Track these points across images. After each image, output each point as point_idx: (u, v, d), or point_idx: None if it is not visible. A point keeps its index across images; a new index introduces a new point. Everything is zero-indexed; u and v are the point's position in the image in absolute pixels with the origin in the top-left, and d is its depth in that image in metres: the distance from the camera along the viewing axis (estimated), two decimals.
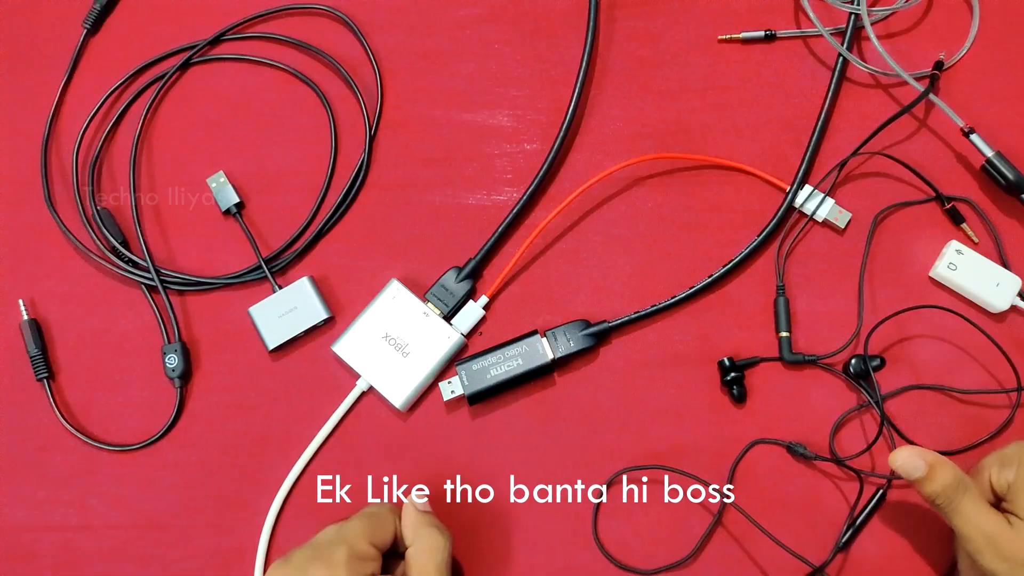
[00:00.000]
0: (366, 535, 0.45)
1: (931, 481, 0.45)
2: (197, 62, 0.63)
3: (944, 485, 0.44)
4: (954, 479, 0.44)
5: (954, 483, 0.44)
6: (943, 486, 0.44)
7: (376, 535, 0.46)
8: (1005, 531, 0.44)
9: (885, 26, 0.60)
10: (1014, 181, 0.54)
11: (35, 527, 0.55)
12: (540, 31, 0.61)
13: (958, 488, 0.44)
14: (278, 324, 0.55)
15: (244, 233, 0.57)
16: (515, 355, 0.53)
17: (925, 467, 0.45)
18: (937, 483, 0.45)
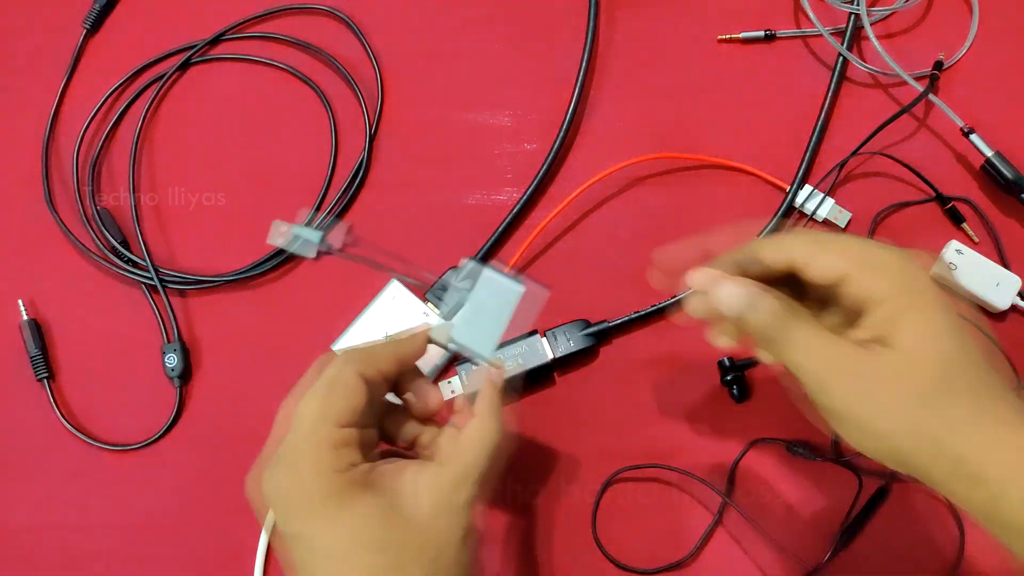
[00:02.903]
0: (327, 417, 0.37)
1: (755, 309, 0.36)
2: (197, 62, 0.63)
3: (772, 311, 0.36)
4: (783, 303, 0.36)
5: (783, 307, 0.36)
6: (771, 313, 0.36)
7: (340, 411, 0.37)
8: (857, 353, 0.35)
9: (885, 26, 0.60)
10: (1014, 181, 0.54)
11: (35, 527, 0.55)
12: (540, 31, 0.61)
13: (789, 313, 0.36)
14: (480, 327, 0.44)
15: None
16: (515, 355, 0.53)
17: (748, 296, 0.37)
18: (765, 310, 0.36)
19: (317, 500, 0.35)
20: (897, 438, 0.34)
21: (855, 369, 0.34)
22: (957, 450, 0.33)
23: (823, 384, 0.35)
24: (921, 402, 0.33)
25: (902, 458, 0.34)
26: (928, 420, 0.33)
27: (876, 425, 0.34)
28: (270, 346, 0.56)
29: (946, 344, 0.34)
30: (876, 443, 0.34)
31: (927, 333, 0.34)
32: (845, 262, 0.36)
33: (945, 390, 0.33)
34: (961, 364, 0.34)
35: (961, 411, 0.33)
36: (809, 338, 0.35)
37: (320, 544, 0.35)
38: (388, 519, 0.35)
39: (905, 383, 0.34)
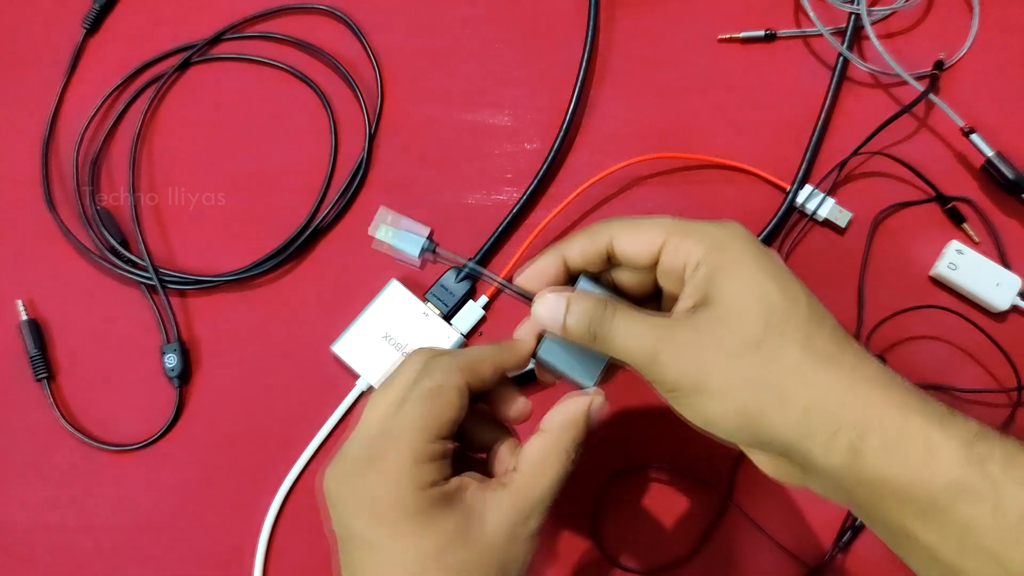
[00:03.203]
0: (427, 429, 0.35)
1: (572, 313, 0.36)
2: (197, 62, 0.63)
3: (588, 311, 0.35)
4: (597, 299, 0.36)
5: (598, 301, 0.36)
6: (587, 313, 0.35)
7: (442, 425, 0.35)
8: (679, 320, 0.34)
9: (885, 26, 0.59)
10: (1014, 181, 0.54)
11: (34, 527, 0.55)
12: (540, 30, 0.61)
13: (605, 305, 0.35)
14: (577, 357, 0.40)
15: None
16: None
17: (560, 301, 0.36)
18: (580, 311, 0.35)
19: (403, 514, 0.34)
20: (736, 396, 0.32)
21: (679, 335, 0.33)
22: (801, 397, 0.31)
23: (653, 360, 0.34)
24: (749, 350, 0.32)
25: (751, 423, 0.32)
26: (761, 367, 0.32)
27: (711, 384, 0.32)
28: (270, 346, 0.56)
29: (766, 288, 0.33)
30: (720, 408, 0.32)
31: (744, 283, 0.33)
32: (658, 233, 0.36)
33: (773, 335, 0.32)
34: (784, 308, 0.33)
35: (794, 354, 0.32)
36: (630, 322, 0.35)
37: (396, 559, 0.34)
38: (465, 540, 0.34)
39: (728, 335, 0.33)
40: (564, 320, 0.36)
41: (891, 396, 0.31)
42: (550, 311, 0.36)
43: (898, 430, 0.31)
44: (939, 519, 0.30)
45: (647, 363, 0.34)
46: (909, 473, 0.30)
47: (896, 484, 0.30)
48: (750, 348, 0.32)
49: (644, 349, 0.34)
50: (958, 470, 0.30)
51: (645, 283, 0.38)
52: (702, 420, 0.34)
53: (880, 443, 0.31)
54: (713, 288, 0.34)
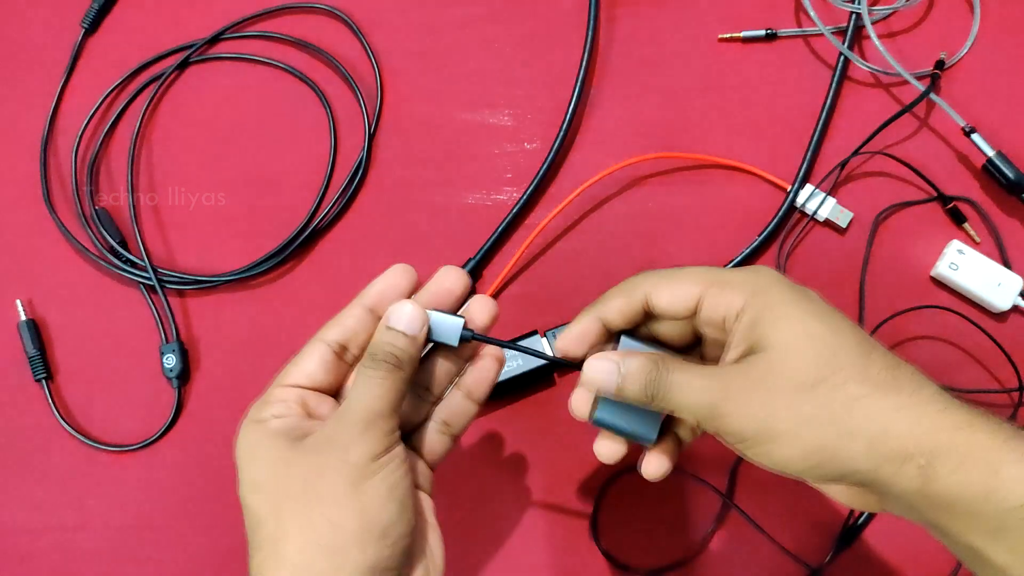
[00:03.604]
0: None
1: (626, 377, 0.36)
2: (195, 61, 0.63)
3: (643, 373, 0.35)
4: (648, 358, 0.36)
5: (651, 360, 0.36)
6: (641, 375, 0.35)
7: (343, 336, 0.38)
8: (734, 369, 0.34)
9: (886, 25, 0.59)
10: (1015, 181, 0.54)
11: (33, 527, 0.55)
12: (540, 30, 0.61)
13: (659, 363, 0.35)
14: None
15: None
16: (515, 355, 0.53)
17: (613, 364, 0.36)
18: (634, 374, 0.35)
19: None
20: (803, 438, 0.32)
21: (737, 385, 0.34)
22: (866, 430, 0.32)
23: (715, 412, 0.34)
24: (807, 391, 0.33)
25: (821, 462, 0.33)
26: (823, 406, 0.32)
27: (777, 429, 0.33)
28: (269, 346, 0.56)
29: (813, 328, 0.34)
30: (788, 452, 0.33)
31: (791, 326, 0.34)
32: (695, 285, 0.36)
33: (828, 372, 0.33)
34: (834, 345, 0.33)
35: (852, 389, 0.32)
36: (686, 377, 0.35)
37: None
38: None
39: (785, 379, 0.33)
40: (619, 384, 0.36)
41: (954, 418, 0.32)
42: (604, 376, 0.36)
43: (965, 453, 0.31)
44: (1010, 539, 0.31)
45: (709, 417, 0.34)
46: (978, 495, 0.31)
47: (966, 506, 0.31)
48: (808, 388, 0.33)
49: (704, 403, 0.34)
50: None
51: (685, 333, 0.39)
52: (773, 464, 0.34)
53: (948, 467, 0.31)
54: (760, 335, 0.34)
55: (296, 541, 0.33)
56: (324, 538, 0.33)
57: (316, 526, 0.33)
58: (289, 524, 0.33)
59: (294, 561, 0.33)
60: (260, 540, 0.34)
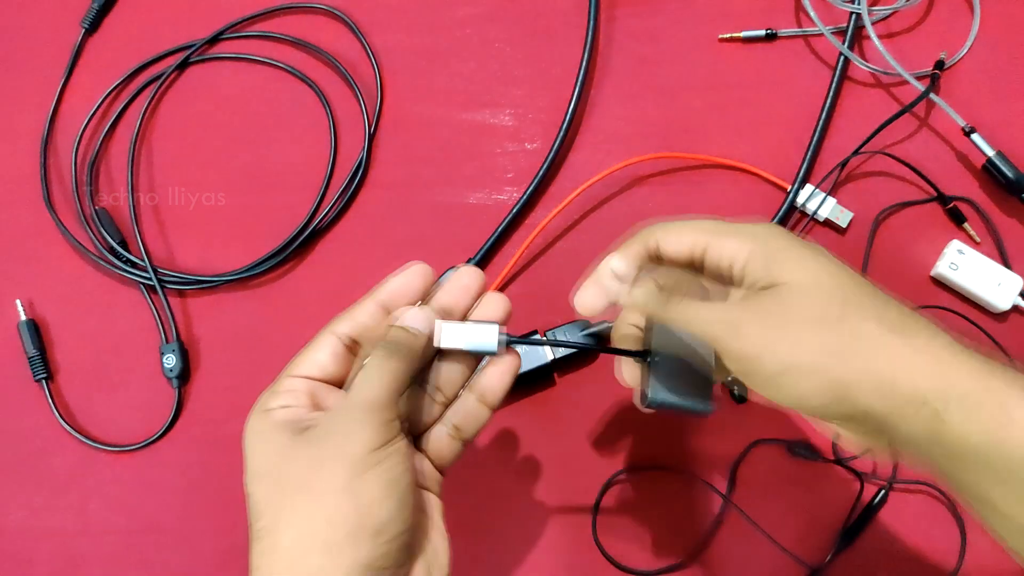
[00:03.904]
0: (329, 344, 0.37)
1: (646, 282, 0.37)
2: (195, 61, 0.63)
3: (674, 276, 0.37)
4: (678, 272, 0.37)
5: (680, 273, 0.37)
6: (672, 278, 0.37)
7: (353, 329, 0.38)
8: (757, 296, 0.34)
9: (886, 25, 0.59)
10: (1015, 181, 0.54)
11: (33, 528, 0.55)
12: (540, 30, 0.61)
13: (668, 290, 0.36)
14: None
15: None
16: None
17: (625, 286, 0.37)
18: (660, 277, 0.37)
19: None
20: (825, 370, 0.32)
21: (761, 307, 0.34)
22: (886, 370, 0.32)
23: (737, 330, 0.33)
24: (832, 323, 0.33)
25: (842, 397, 0.32)
26: (848, 341, 0.32)
27: (795, 356, 0.33)
28: (269, 347, 0.56)
29: (832, 269, 0.34)
30: (809, 384, 0.33)
31: (808, 264, 0.34)
32: (699, 233, 0.37)
33: (851, 309, 0.33)
34: (853, 286, 0.34)
35: (873, 328, 0.32)
36: (697, 306, 0.35)
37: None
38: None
39: (811, 306, 0.33)
40: (636, 287, 0.36)
41: (970, 365, 0.32)
42: (621, 274, 0.37)
43: (979, 400, 0.31)
44: (1020, 487, 0.30)
45: (730, 336, 0.33)
46: (991, 442, 0.30)
47: (978, 453, 0.31)
48: (833, 321, 0.32)
49: (727, 320, 0.34)
50: None
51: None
52: (792, 398, 0.33)
53: (962, 413, 0.31)
54: (779, 271, 0.34)
55: (291, 534, 0.33)
56: (319, 533, 0.32)
57: (311, 520, 0.33)
58: (285, 516, 0.33)
59: (289, 554, 0.32)
60: (259, 530, 0.33)
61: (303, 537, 0.32)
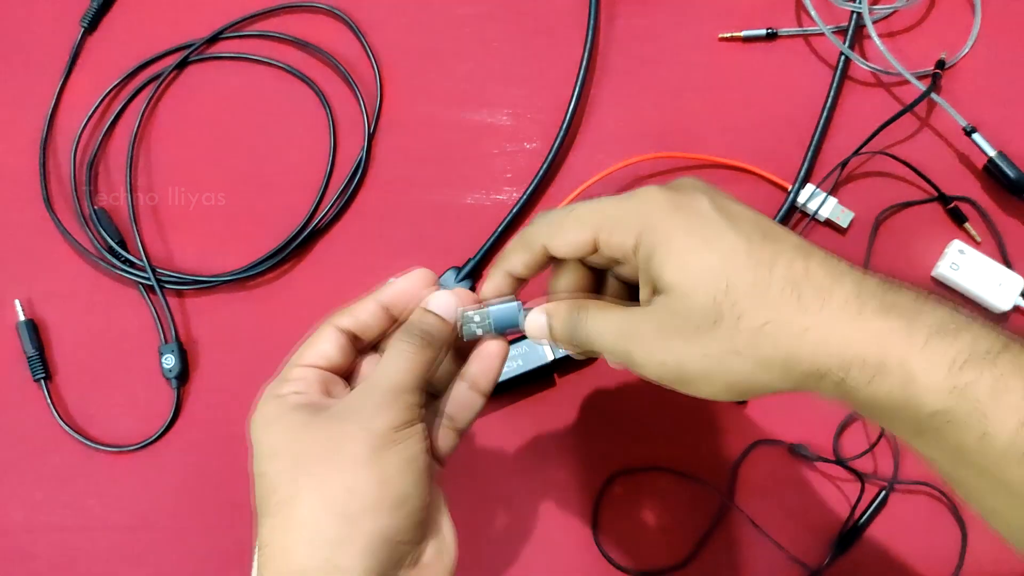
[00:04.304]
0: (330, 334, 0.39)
1: (555, 325, 0.37)
2: (195, 60, 0.63)
3: (563, 319, 0.36)
4: (569, 304, 0.37)
5: (570, 307, 0.36)
6: (563, 321, 0.36)
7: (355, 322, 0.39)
8: (638, 313, 0.34)
9: (887, 24, 0.59)
10: (1016, 181, 0.53)
11: (32, 528, 0.55)
12: (540, 29, 0.61)
13: (577, 308, 0.36)
14: None
15: None
16: (515, 355, 0.53)
17: (544, 315, 0.37)
18: (559, 321, 0.37)
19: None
20: (717, 374, 0.32)
21: (643, 330, 0.34)
22: (776, 357, 0.31)
23: (629, 357, 0.34)
24: (708, 329, 0.32)
25: (746, 390, 0.33)
26: (728, 341, 0.32)
27: (689, 372, 0.33)
28: (268, 347, 0.56)
29: (705, 261, 0.32)
30: (710, 389, 0.33)
31: (681, 262, 0.33)
32: (585, 230, 0.35)
33: (726, 305, 0.32)
34: (730, 271, 0.32)
35: (753, 317, 0.31)
36: (602, 323, 0.35)
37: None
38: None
39: (684, 321, 0.32)
40: (551, 334, 0.37)
41: (867, 327, 0.31)
42: (538, 328, 0.37)
43: (878, 363, 0.30)
44: (931, 441, 0.31)
45: (628, 362, 0.34)
46: (896, 403, 0.30)
47: (887, 413, 0.31)
48: (709, 328, 0.32)
49: (621, 351, 0.34)
50: (941, 401, 0.30)
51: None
52: (705, 397, 0.34)
53: (863, 379, 0.31)
54: (656, 276, 0.33)
55: (309, 504, 0.33)
56: (338, 504, 0.32)
57: (331, 490, 0.33)
58: (304, 487, 0.33)
59: (305, 525, 0.32)
60: (273, 505, 0.33)
61: (322, 507, 0.33)
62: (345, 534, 0.32)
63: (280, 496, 0.33)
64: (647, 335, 0.34)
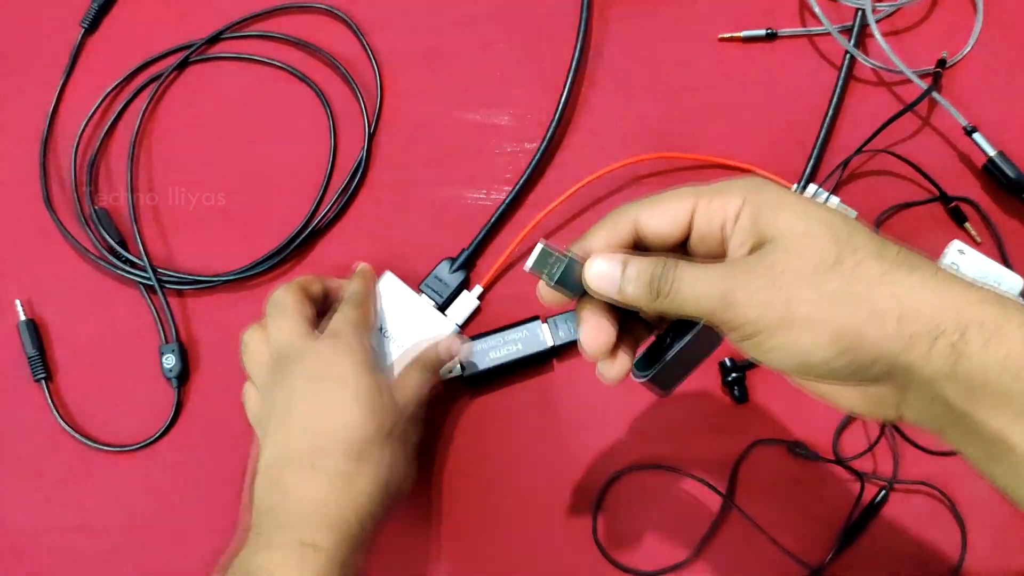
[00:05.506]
0: (301, 290, 0.49)
1: (630, 274, 0.34)
2: (195, 61, 0.63)
3: (648, 267, 0.34)
4: (655, 257, 0.34)
5: (656, 258, 0.34)
6: (647, 269, 0.34)
7: (310, 291, 0.50)
8: (746, 260, 0.32)
9: (889, 23, 0.59)
10: (1016, 181, 0.53)
11: (33, 528, 0.55)
12: (540, 30, 0.61)
13: (666, 260, 0.34)
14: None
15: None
16: (515, 339, 0.53)
17: (616, 265, 0.34)
18: (639, 269, 0.34)
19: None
20: (827, 319, 0.31)
21: (750, 272, 0.32)
22: (893, 307, 0.30)
23: (729, 303, 0.32)
24: (827, 270, 0.31)
25: (849, 346, 0.31)
26: (846, 284, 0.31)
27: (798, 313, 0.31)
28: None
29: (824, 215, 0.32)
30: (812, 338, 0.31)
31: (799, 213, 0.32)
32: (685, 201, 0.34)
33: (847, 250, 0.31)
34: (847, 228, 0.32)
35: (873, 265, 0.31)
36: (695, 270, 0.33)
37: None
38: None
39: (802, 260, 0.31)
40: (621, 284, 0.34)
41: (980, 294, 0.31)
42: (604, 277, 0.34)
43: (997, 325, 0.30)
44: None
45: (722, 308, 0.32)
46: (1013, 368, 0.29)
47: (999, 383, 0.29)
48: (828, 267, 0.31)
49: (717, 294, 0.32)
50: None
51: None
52: (796, 358, 0.32)
53: (981, 341, 0.29)
54: (766, 226, 0.32)
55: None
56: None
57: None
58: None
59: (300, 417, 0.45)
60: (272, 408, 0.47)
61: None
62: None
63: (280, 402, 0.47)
64: (755, 275, 0.32)
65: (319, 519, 0.42)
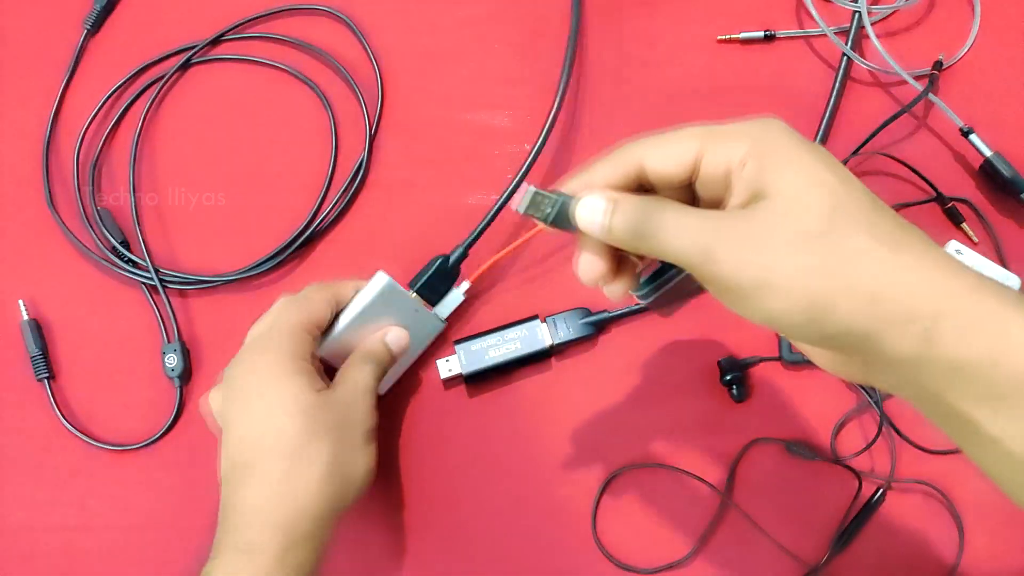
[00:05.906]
0: (300, 321, 0.47)
1: (618, 212, 0.33)
2: (197, 62, 0.63)
3: (636, 207, 0.33)
4: (643, 197, 0.34)
5: (645, 199, 0.34)
6: (634, 210, 0.33)
7: (311, 319, 0.48)
8: (736, 214, 0.32)
9: (885, 25, 0.60)
10: (1012, 181, 0.54)
11: (35, 527, 0.55)
12: (541, 31, 0.61)
13: (654, 203, 0.33)
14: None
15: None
16: (514, 338, 0.53)
17: (604, 202, 0.34)
18: (626, 208, 0.33)
19: (284, 371, 0.47)
20: (802, 288, 0.30)
21: (736, 229, 0.31)
22: (869, 285, 0.30)
23: (708, 256, 0.31)
24: (813, 240, 0.30)
25: (819, 316, 0.30)
26: (827, 256, 0.30)
27: (774, 278, 0.31)
28: None
29: (824, 177, 0.31)
30: (784, 303, 0.31)
31: (800, 172, 0.32)
32: (693, 141, 0.34)
33: (839, 223, 0.31)
34: (846, 196, 0.31)
35: (860, 241, 0.30)
36: (681, 217, 0.32)
37: (279, 396, 0.46)
38: (320, 390, 0.47)
39: (791, 225, 0.31)
40: (609, 221, 0.34)
41: (963, 282, 0.30)
42: (592, 212, 0.34)
43: (973, 317, 0.29)
44: (1010, 406, 0.29)
45: (701, 260, 0.32)
46: (985, 359, 0.29)
47: (971, 372, 0.29)
48: (812, 238, 0.30)
49: (698, 245, 0.32)
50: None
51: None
52: (765, 317, 0.32)
53: (954, 329, 0.29)
54: (767, 181, 0.32)
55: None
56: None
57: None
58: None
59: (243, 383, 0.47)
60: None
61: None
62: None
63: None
64: (739, 233, 0.31)
65: (260, 522, 0.43)
